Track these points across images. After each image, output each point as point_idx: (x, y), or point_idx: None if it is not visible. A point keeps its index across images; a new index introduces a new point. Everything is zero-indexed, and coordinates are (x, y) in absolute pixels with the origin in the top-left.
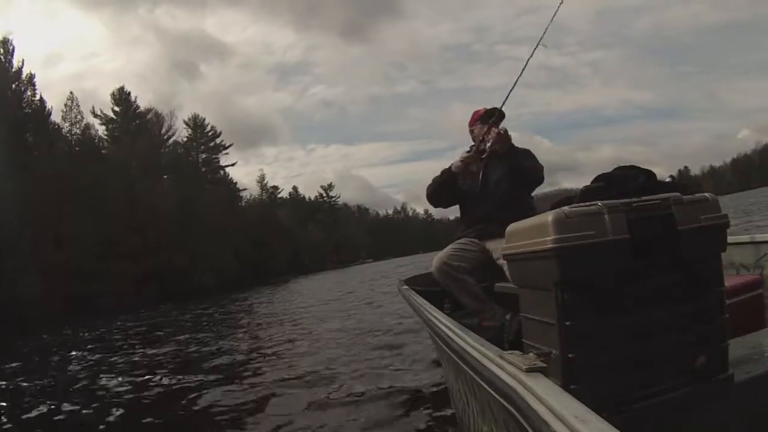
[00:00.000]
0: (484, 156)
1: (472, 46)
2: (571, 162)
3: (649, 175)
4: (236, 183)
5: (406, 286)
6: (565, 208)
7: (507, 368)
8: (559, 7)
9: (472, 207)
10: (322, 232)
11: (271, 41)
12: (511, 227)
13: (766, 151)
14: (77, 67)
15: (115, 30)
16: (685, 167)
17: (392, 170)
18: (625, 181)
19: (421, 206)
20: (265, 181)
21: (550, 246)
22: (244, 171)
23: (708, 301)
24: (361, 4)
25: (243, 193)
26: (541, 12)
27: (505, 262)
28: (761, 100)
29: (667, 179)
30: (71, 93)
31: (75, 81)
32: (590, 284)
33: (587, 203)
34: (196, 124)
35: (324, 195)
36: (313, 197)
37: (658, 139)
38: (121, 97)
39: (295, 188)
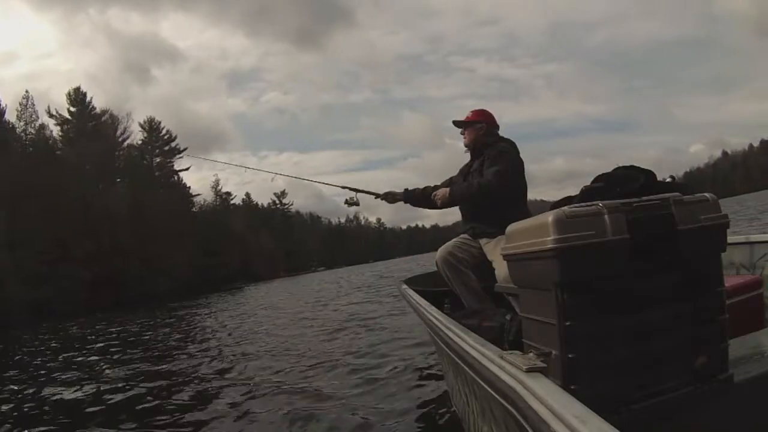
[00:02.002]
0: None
1: (426, 57)
2: None
3: (649, 175)
4: (190, 188)
5: (406, 286)
6: (565, 208)
7: (507, 368)
8: None
9: (461, 205)
10: (274, 240)
11: (223, 47)
12: (511, 227)
13: (719, 164)
14: (30, 68)
15: (65, 31)
16: None
17: (344, 179)
18: (625, 181)
19: (373, 215)
20: (219, 187)
21: (550, 246)
22: (196, 176)
23: (708, 301)
24: (314, 11)
25: (196, 199)
26: (499, 24)
27: (493, 260)
28: (713, 114)
29: (667, 179)
30: (27, 92)
31: (27, 81)
32: (590, 284)
33: (587, 203)
34: (152, 127)
35: (277, 202)
36: (265, 204)
37: (610, 152)
38: (77, 97)
39: (248, 195)
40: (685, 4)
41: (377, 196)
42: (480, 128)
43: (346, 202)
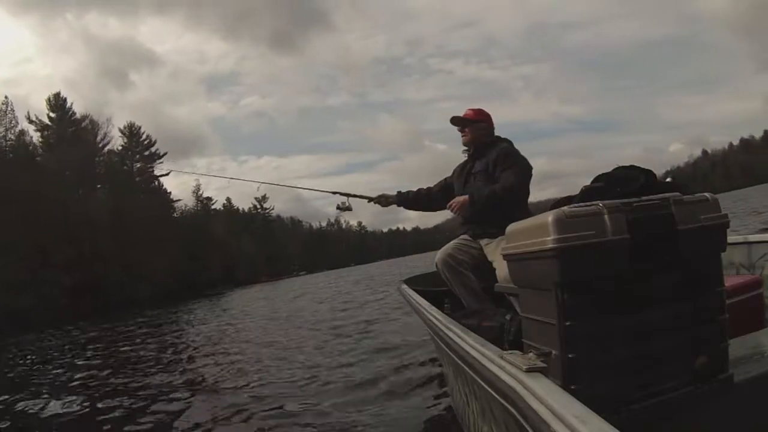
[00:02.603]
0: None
1: (404, 60)
2: None
3: (649, 174)
4: (170, 193)
5: (405, 286)
6: (565, 208)
7: (507, 368)
8: None
9: None
10: (255, 244)
11: (201, 51)
12: (511, 227)
13: (699, 163)
14: (8, 73)
15: (43, 36)
16: None
17: (324, 182)
18: (625, 181)
19: (354, 219)
20: (200, 192)
21: (550, 246)
22: (176, 182)
23: (708, 301)
24: (291, 15)
25: (177, 204)
26: (477, 26)
27: (494, 260)
28: (692, 114)
29: (668, 179)
30: (6, 97)
31: (6, 86)
32: (590, 284)
33: (587, 203)
34: (132, 132)
35: (258, 207)
36: (246, 209)
37: (590, 151)
38: (57, 103)
39: (228, 199)
40: (667, 3)
41: (370, 199)
42: (482, 127)
43: (339, 207)
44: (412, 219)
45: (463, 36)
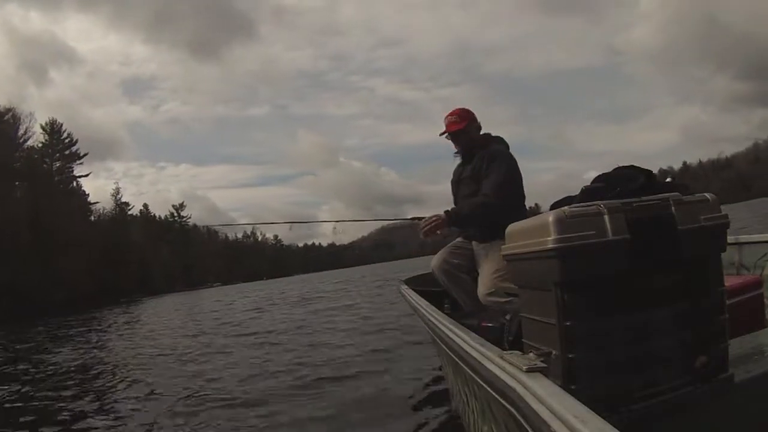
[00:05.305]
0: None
1: (328, 75)
2: (416, 194)
3: (649, 175)
4: (88, 195)
5: (405, 286)
6: (566, 208)
7: (507, 368)
8: None
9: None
10: (172, 253)
11: (124, 53)
12: (512, 227)
13: None
14: None
15: None
16: (536, 204)
17: (239, 193)
18: (625, 182)
19: (270, 231)
20: (119, 196)
21: (550, 246)
22: (92, 185)
23: (708, 301)
24: (214, 22)
25: (94, 207)
26: (402, 45)
27: (481, 267)
28: (606, 143)
29: (668, 179)
30: None
31: None
32: (590, 284)
33: (587, 203)
34: (53, 129)
35: (175, 214)
36: (163, 216)
37: None
38: None
39: (145, 206)
40: (590, 35)
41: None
42: (474, 128)
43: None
44: (327, 235)
45: (386, 54)
